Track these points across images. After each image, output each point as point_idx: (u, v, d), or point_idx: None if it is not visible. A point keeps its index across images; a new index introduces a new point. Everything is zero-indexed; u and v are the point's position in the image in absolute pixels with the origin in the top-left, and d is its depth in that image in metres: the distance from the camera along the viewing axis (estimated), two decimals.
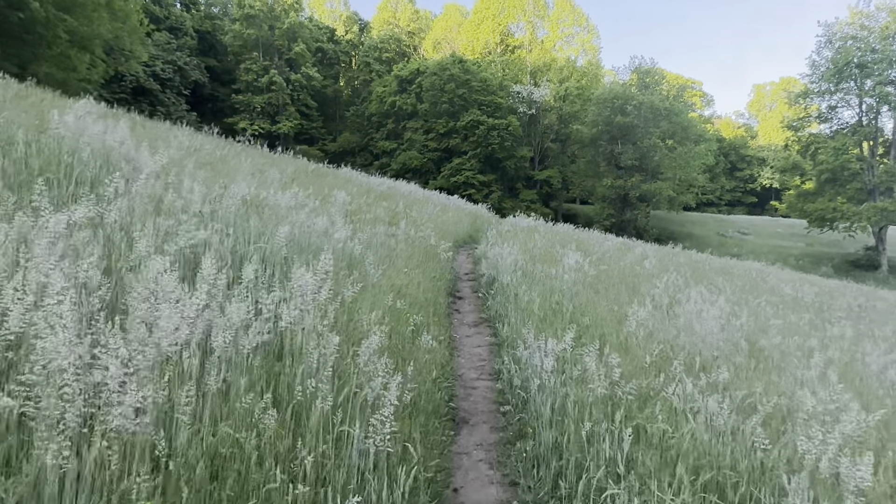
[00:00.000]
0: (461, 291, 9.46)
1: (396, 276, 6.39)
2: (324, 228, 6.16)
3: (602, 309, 6.98)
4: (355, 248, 6.02)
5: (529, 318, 6.65)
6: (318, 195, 9.13)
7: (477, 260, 11.80)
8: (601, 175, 45.89)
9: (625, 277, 10.37)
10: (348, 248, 6.10)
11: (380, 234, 7.70)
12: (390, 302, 4.59)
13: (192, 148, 9.93)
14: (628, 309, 7.51)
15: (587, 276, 9.27)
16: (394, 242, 7.93)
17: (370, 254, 6.61)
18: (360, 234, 6.88)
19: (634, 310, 7.37)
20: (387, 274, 6.09)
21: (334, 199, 9.25)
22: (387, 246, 7.54)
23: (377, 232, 7.76)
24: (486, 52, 52.22)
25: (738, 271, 18.32)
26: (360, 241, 6.67)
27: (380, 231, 8.14)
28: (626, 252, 15.45)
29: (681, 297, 9.52)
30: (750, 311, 10.00)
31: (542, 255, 11.02)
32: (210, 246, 4.15)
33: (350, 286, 4.49)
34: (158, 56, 46.95)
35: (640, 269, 12.11)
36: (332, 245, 5.87)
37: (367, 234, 7.55)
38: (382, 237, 7.75)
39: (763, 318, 9.27)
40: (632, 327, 5.71)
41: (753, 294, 13.37)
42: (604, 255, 13.33)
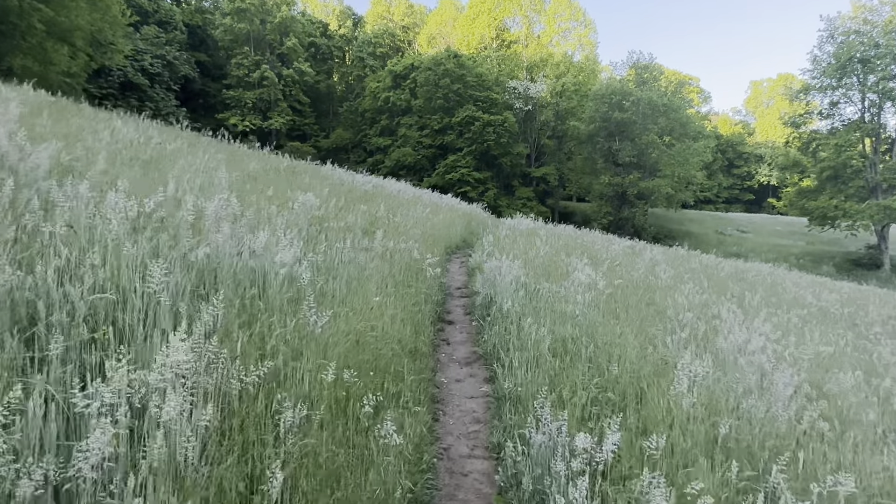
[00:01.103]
0: (452, 313, 7.77)
1: (360, 312, 4.69)
2: (262, 247, 4.45)
3: (631, 348, 5.31)
4: (303, 275, 4.31)
5: (538, 364, 4.98)
6: (279, 199, 7.42)
7: (471, 271, 10.11)
8: (598, 172, 44.23)
9: (643, 293, 8.73)
10: (294, 273, 4.40)
11: (348, 250, 5.98)
12: (332, 375, 2.91)
13: (131, 141, 8.22)
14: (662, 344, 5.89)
15: (602, 294, 7.61)
16: (366, 259, 6.22)
17: (328, 280, 4.92)
18: (316, 252, 5.16)
19: (673, 350, 5.72)
20: (344, 311, 4.39)
21: (302, 204, 7.53)
22: (356, 265, 5.84)
23: (346, 246, 6.03)
24: (482, 48, 50.34)
25: (751, 275, 16.72)
26: (316, 261, 4.97)
27: (352, 245, 6.43)
28: (634, 257, 13.81)
29: (715, 320, 7.89)
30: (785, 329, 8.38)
31: (547, 265, 9.34)
32: None
33: (261, 362, 2.79)
34: (147, 50, 45.03)
35: (656, 280, 10.46)
36: (266, 272, 4.18)
37: (332, 250, 5.84)
38: (351, 253, 6.03)
39: (810, 343, 7.64)
40: (681, 386, 4.04)
41: (778, 305, 11.78)
42: (613, 262, 11.68)
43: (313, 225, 6.66)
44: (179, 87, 47.37)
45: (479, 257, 10.11)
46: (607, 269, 9.95)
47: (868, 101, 39.34)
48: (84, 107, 11.68)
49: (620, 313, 7.01)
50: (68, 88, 30.97)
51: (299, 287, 4.23)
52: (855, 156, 38.41)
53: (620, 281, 8.62)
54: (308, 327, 3.49)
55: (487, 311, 7.03)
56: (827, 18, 40.54)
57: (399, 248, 7.28)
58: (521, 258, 9.50)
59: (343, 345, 3.61)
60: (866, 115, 39.59)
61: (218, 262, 3.95)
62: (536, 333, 5.40)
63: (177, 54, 47.05)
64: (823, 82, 40.22)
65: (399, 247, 7.32)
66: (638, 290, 9.05)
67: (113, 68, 42.23)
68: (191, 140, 11.59)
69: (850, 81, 39.39)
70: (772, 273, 19.07)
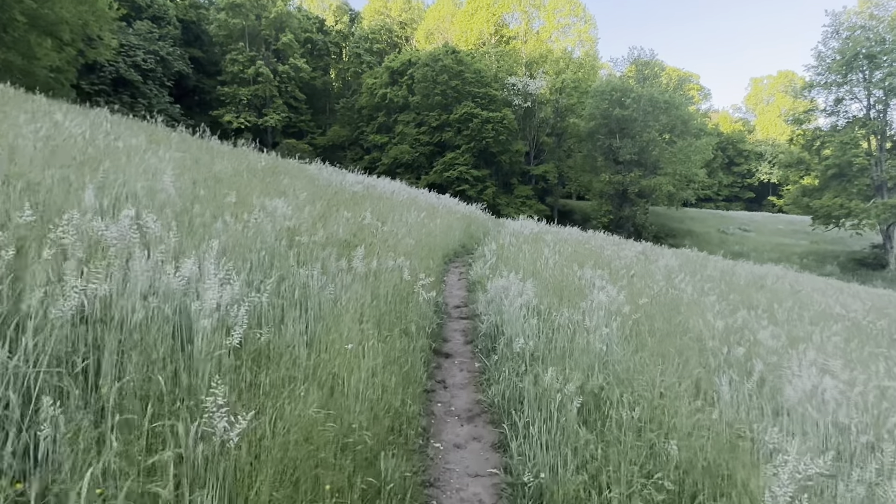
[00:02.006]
0: (450, 342, 6.42)
1: (323, 374, 3.34)
2: (182, 286, 3.10)
3: (685, 416, 3.97)
4: (239, 320, 2.97)
5: (564, 434, 3.65)
6: (242, 207, 6.05)
7: (472, 285, 8.76)
8: (598, 170, 42.89)
9: (670, 312, 7.41)
10: (232, 320, 3.06)
11: (317, 275, 4.61)
12: None
13: (75, 137, 6.84)
14: (716, 393, 4.59)
15: (628, 318, 6.28)
16: (343, 284, 4.87)
17: (280, 328, 3.57)
18: (264, 287, 3.80)
19: (735, 405, 4.39)
20: (303, 373, 3.06)
21: (270, 213, 6.18)
22: (328, 294, 4.49)
23: (313, 272, 4.67)
24: (481, 43, 48.82)
25: (769, 281, 15.41)
26: (261, 303, 3.62)
27: (324, 267, 5.09)
28: (649, 264, 12.48)
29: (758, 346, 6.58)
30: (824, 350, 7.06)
31: (559, 280, 8.01)
32: None
33: None
34: (140, 46, 43.50)
35: (679, 294, 9.14)
36: (178, 327, 2.84)
37: (295, 277, 4.49)
38: (324, 278, 4.68)
39: (874, 376, 6.32)
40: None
41: (811, 320, 10.48)
42: (629, 271, 10.36)
43: (281, 240, 5.30)
44: (173, 84, 45.84)
45: (481, 269, 8.77)
46: (626, 282, 8.64)
47: (874, 97, 38.01)
48: (38, 99, 10.26)
49: (654, 345, 5.69)
50: (56, 84, 29.51)
51: (220, 358, 2.88)
52: (860, 153, 37.13)
53: (645, 300, 7.29)
54: (213, 444, 2.14)
55: (493, 344, 5.69)
56: (832, 13, 39.17)
57: (386, 266, 5.93)
58: (528, 272, 8.17)
59: (274, 464, 2.28)
60: (872, 111, 38.27)
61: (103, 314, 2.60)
62: (559, 387, 4.06)
63: (170, 50, 45.47)
64: (828, 79, 38.89)
65: (387, 265, 5.96)
66: (664, 308, 7.73)
67: (105, 64, 40.82)
68: (158, 136, 10.20)
69: (855, 78, 38.07)
70: (786, 277, 17.78)
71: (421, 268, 7.27)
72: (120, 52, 41.25)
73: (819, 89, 39.60)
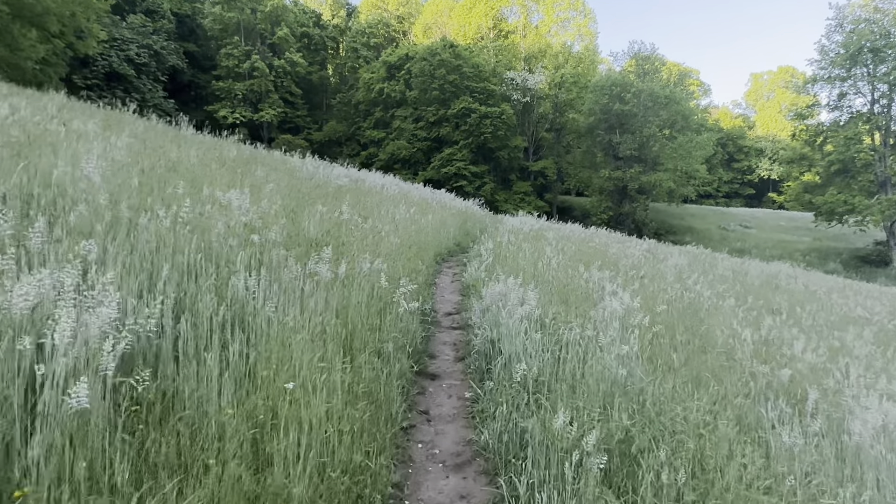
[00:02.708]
0: (437, 358, 5.40)
1: (248, 425, 2.33)
2: (29, 307, 2.08)
3: (734, 463, 2.96)
4: (107, 360, 1.94)
5: None
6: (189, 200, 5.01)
7: (466, 289, 7.74)
8: (598, 166, 41.80)
9: (691, 320, 6.40)
10: (98, 360, 2.03)
11: (262, 284, 3.58)
12: None
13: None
14: (765, 432, 3.58)
15: (647, 331, 5.26)
16: (289, 300, 3.83)
17: (185, 375, 2.55)
18: (162, 305, 2.76)
19: (794, 446, 3.38)
20: (213, 435, 2.05)
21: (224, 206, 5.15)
22: (275, 312, 3.46)
23: (259, 278, 3.63)
24: (479, 38, 47.59)
25: (783, 281, 14.40)
26: (173, 324, 2.60)
27: (271, 276, 4.05)
28: (657, 264, 11.47)
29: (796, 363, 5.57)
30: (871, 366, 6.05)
31: (564, 284, 6.99)
32: None
33: None
34: (133, 40, 42.32)
35: (697, 298, 8.12)
36: None
37: (237, 286, 3.46)
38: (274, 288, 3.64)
39: None
40: None
41: (837, 325, 9.49)
42: (639, 273, 9.35)
43: (228, 240, 4.27)
44: (168, 79, 44.65)
45: (476, 271, 7.73)
46: (638, 286, 7.63)
47: (878, 92, 36.93)
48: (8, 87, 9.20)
49: (681, 366, 4.68)
50: (44, 77, 28.38)
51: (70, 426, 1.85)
52: (864, 149, 36.08)
53: (664, 308, 6.27)
54: None
55: (488, 365, 4.67)
56: (836, 7, 38.03)
57: (361, 270, 4.89)
58: (529, 274, 7.14)
59: None
60: (876, 106, 37.19)
61: None
62: (574, 438, 3.04)
63: (164, 44, 44.24)
64: (832, 73, 37.78)
65: (361, 268, 4.93)
66: (684, 316, 6.71)
67: (97, 58, 39.69)
68: (118, 123, 9.14)
69: (859, 72, 36.98)
70: (797, 276, 16.77)
71: (406, 270, 6.24)
72: (113, 46, 40.14)
73: (822, 84, 38.51)
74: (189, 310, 3.03)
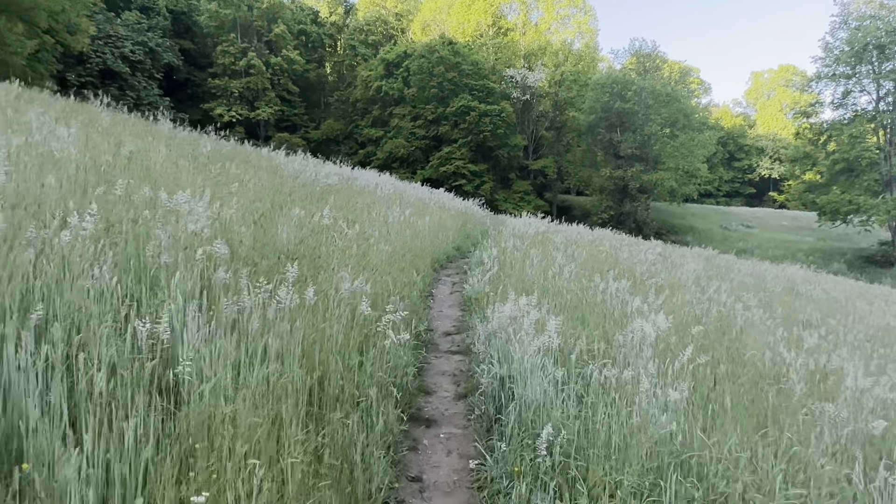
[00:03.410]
0: (434, 396, 4.40)
1: None
2: None
3: None
4: None
5: None
6: (122, 203, 4.01)
7: (466, 302, 6.75)
8: (599, 165, 40.81)
9: (733, 347, 5.43)
10: None
11: (191, 324, 2.58)
12: None
13: None
14: None
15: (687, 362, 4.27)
16: (226, 346, 2.82)
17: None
18: None
19: None
20: None
21: (168, 211, 4.14)
22: (192, 362, 2.45)
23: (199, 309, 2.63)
24: (478, 35, 46.48)
25: (803, 286, 13.42)
26: None
27: (200, 308, 3.06)
28: (674, 270, 10.49)
29: (862, 395, 4.60)
30: None
31: (580, 297, 6.00)
32: None
33: None
34: (128, 37, 41.21)
35: (728, 312, 7.14)
36: None
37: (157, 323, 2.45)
38: (196, 329, 2.64)
39: None
40: None
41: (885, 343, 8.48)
42: (655, 280, 8.37)
43: (158, 255, 3.26)
44: (163, 76, 43.55)
45: (479, 282, 6.74)
46: (660, 298, 6.64)
47: (884, 89, 35.94)
48: None
49: (739, 414, 3.69)
50: (33, 74, 27.28)
51: None
52: (870, 147, 35.13)
53: (700, 328, 5.28)
54: None
55: (497, 413, 3.68)
56: (841, 3, 37.00)
57: (339, 291, 3.89)
58: (539, 286, 6.15)
59: None
60: (881, 104, 36.21)
61: None
62: None
63: (160, 41, 43.10)
64: (836, 70, 36.79)
65: (341, 290, 3.92)
66: (720, 337, 5.74)
67: (92, 55, 38.66)
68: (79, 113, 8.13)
69: (864, 69, 35.98)
70: (813, 280, 15.80)
71: (398, 286, 5.24)
72: (107, 43, 39.07)
73: (827, 81, 37.52)
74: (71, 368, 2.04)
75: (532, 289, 6.08)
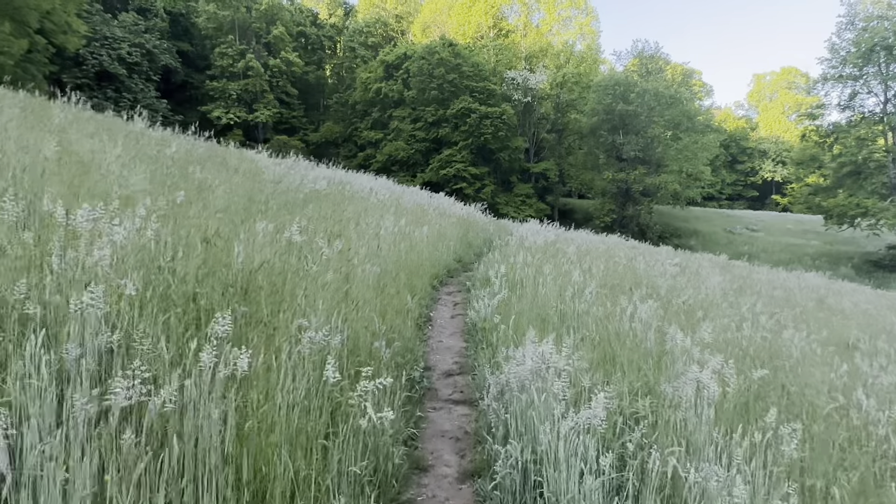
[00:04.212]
0: (431, 472, 3.30)
1: None
2: None
3: None
4: None
5: None
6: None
7: (471, 332, 5.65)
8: (601, 168, 39.73)
9: (801, 390, 4.35)
10: None
11: None
12: None
13: None
14: None
15: (773, 437, 3.17)
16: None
17: None
18: None
19: None
20: None
21: (82, 223, 3.05)
22: None
23: None
24: (479, 37, 45.39)
25: (830, 299, 12.33)
26: None
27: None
28: (699, 283, 9.39)
29: None
30: None
31: (604, 326, 4.91)
32: None
33: None
34: (125, 38, 40.15)
35: (776, 341, 6.06)
36: None
37: None
38: None
39: None
40: None
41: None
42: (684, 298, 7.28)
43: (22, 302, 2.16)
44: (161, 79, 42.49)
45: (486, 307, 5.64)
46: (709, 333, 5.55)
47: (891, 91, 34.85)
48: None
49: None
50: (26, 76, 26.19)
51: None
52: (878, 150, 34.04)
53: (763, 372, 4.19)
54: None
55: None
56: (847, 3, 35.91)
57: (301, 346, 2.78)
58: (557, 314, 5.07)
59: None
60: (889, 106, 35.11)
61: None
62: None
63: (157, 43, 42.02)
64: (843, 71, 35.71)
65: (302, 344, 2.82)
66: (775, 372, 4.65)
67: (88, 57, 37.66)
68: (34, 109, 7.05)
69: (872, 70, 34.90)
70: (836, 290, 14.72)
71: (387, 320, 4.14)
72: (104, 45, 38.06)
73: (833, 83, 36.44)
74: None
75: (548, 317, 4.99)
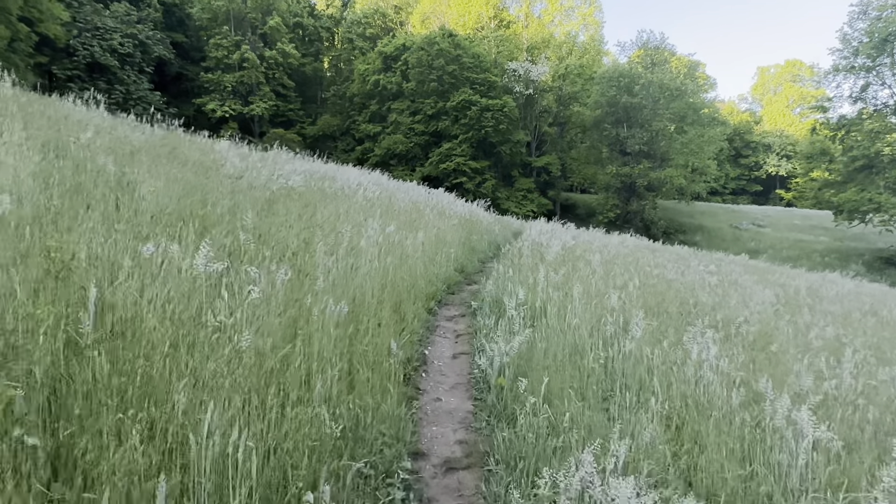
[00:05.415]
0: None
1: None
2: None
3: None
4: None
5: None
6: None
7: (478, 383, 4.10)
8: (604, 162, 38.03)
9: None
10: None
11: None
12: None
13: None
14: None
15: None
16: None
17: None
18: None
19: None
20: None
21: None
22: None
23: None
24: (479, 28, 43.52)
25: (884, 312, 10.81)
26: None
27: None
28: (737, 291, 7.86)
29: None
30: None
31: (669, 380, 3.36)
32: None
33: None
34: (116, 29, 38.26)
35: (871, 384, 4.55)
36: None
37: None
38: None
39: None
40: None
41: None
42: (741, 322, 5.76)
43: None
44: (154, 70, 40.59)
45: (501, 353, 4.08)
46: (821, 404, 4.03)
47: None
48: None
49: None
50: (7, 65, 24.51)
51: None
52: (892, 143, 32.37)
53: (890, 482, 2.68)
54: None
55: None
56: None
57: None
58: (602, 369, 3.54)
59: None
60: None
61: None
62: None
63: (150, 34, 40.11)
64: (855, 62, 33.96)
65: None
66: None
67: (79, 48, 35.84)
68: None
69: (886, 61, 33.16)
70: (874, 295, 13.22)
71: (357, 405, 2.58)
72: (95, 36, 36.24)
73: (845, 74, 34.68)
74: None
75: (590, 371, 3.43)
